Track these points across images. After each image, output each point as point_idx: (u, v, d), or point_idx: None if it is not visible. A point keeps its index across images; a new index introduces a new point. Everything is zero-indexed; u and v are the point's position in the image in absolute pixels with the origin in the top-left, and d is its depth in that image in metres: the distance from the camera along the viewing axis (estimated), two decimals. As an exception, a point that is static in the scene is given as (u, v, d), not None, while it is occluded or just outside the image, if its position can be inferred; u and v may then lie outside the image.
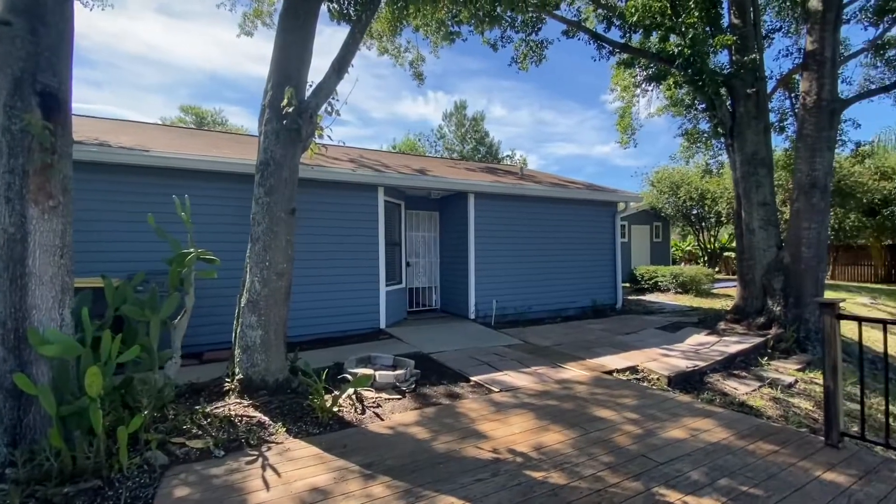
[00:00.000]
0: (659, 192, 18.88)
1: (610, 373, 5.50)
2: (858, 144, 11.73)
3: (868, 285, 17.78)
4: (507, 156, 42.47)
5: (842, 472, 2.86)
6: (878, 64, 11.11)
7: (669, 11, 8.01)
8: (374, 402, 4.22)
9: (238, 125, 38.76)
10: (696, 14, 7.45)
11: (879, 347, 7.11)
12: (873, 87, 11.02)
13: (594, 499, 2.55)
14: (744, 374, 5.89)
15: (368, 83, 60.25)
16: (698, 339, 7.19)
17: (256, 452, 3.19)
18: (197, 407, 3.85)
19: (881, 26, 9.46)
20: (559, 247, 9.93)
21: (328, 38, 43.74)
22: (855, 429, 3.57)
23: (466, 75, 63.77)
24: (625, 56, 9.60)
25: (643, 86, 11.29)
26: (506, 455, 3.12)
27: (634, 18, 7.75)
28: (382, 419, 3.86)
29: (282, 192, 4.36)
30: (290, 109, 4.23)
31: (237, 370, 4.33)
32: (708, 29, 8.29)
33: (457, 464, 2.99)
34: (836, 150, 11.49)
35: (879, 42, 9.90)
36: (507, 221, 9.28)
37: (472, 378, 5.12)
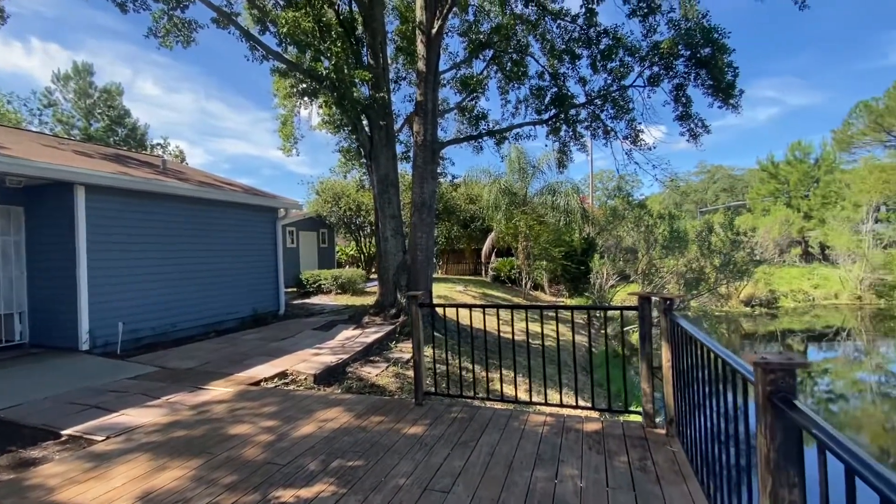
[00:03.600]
0: (324, 201, 20.25)
1: (258, 383, 5.38)
2: (454, 177, 16.25)
3: (465, 277, 24.93)
4: (159, 144, 35.72)
5: (421, 424, 3.77)
6: (464, 121, 15.78)
7: (318, 35, 8.65)
8: None
9: None
10: (340, 45, 8.36)
11: (477, 324, 9.98)
12: (462, 136, 15.56)
13: (204, 531, 2.35)
14: (378, 358, 7.01)
15: None
16: (346, 333, 8.07)
17: None
18: None
19: (464, 94, 13.45)
20: (215, 254, 9.03)
21: None
22: (443, 386, 4.84)
23: (99, 33, 49.65)
24: (280, 65, 9.71)
25: (303, 98, 11.77)
26: (92, 522, 2.47)
27: (285, 30, 7.95)
28: None
29: None
30: None
31: None
32: (353, 61, 9.48)
33: (0, 565, 2.14)
34: (441, 180, 15.53)
35: (464, 105, 14.03)
36: (140, 224, 7.66)
37: (67, 431, 3.89)
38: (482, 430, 3.57)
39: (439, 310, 9.85)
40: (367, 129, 9.59)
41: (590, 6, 9.67)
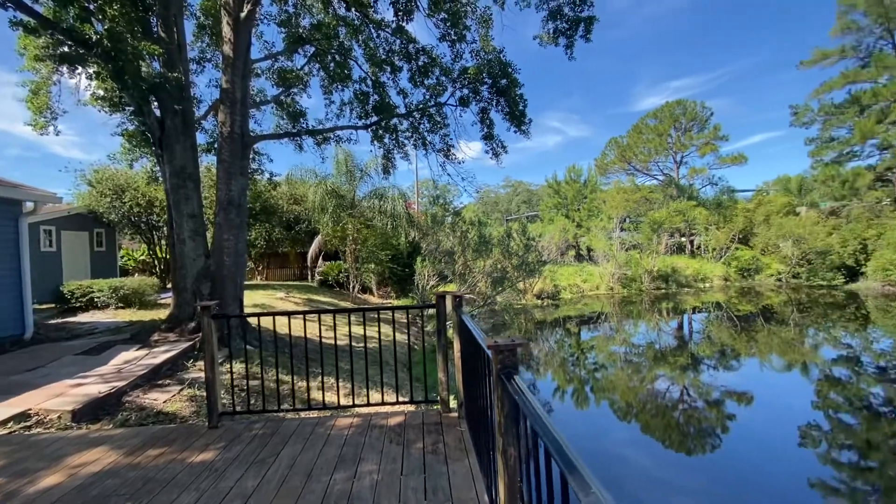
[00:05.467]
0: (100, 195, 16.38)
1: (-22, 433, 4.06)
2: (272, 175, 15.09)
3: (289, 282, 23.40)
4: None
5: (213, 448, 3.41)
6: (284, 116, 14.79)
7: (86, -10, 7.02)
8: None
9: None
10: (118, 7, 6.94)
11: (298, 332, 9.36)
12: (280, 132, 14.55)
13: None
14: (168, 381, 6.03)
15: None
16: (126, 356, 6.72)
17: None
18: None
19: (282, 88, 12.64)
20: None
21: None
22: (250, 403, 4.42)
23: None
24: (27, 18, 7.52)
25: (63, 64, 9.33)
26: None
27: (31, -26, 6.20)
28: None
29: None
30: None
31: None
32: (138, 30, 7.94)
33: None
34: (257, 177, 14.29)
35: (281, 99, 13.18)
36: None
37: None
38: (284, 443, 3.43)
39: (252, 320, 9.04)
40: (156, 112, 8.17)
41: (400, 23, 10.25)
